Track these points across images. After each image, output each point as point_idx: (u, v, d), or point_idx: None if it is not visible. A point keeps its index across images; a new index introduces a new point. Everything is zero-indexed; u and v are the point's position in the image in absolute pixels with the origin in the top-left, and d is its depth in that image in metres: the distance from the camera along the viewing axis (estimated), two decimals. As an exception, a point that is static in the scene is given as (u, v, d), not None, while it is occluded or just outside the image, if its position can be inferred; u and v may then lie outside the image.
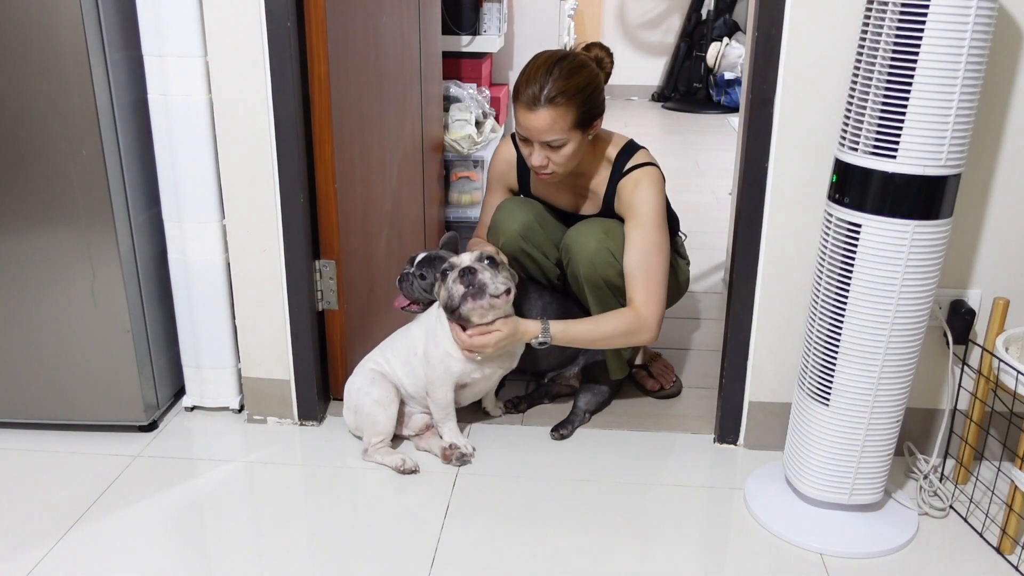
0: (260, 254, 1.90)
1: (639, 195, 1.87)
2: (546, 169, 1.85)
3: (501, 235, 1.97)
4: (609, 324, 1.87)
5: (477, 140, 2.94)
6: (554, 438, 1.96)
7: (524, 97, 1.78)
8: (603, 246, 1.87)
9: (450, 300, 1.73)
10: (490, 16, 3.30)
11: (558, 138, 1.79)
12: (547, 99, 1.76)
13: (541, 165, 1.84)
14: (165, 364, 2.01)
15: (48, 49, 1.68)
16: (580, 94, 1.78)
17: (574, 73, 1.79)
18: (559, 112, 1.77)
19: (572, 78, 1.78)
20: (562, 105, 1.77)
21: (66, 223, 1.79)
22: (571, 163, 1.86)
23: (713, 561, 1.58)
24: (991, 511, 1.69)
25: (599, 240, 1.87)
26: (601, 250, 1.87)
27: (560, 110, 1.77)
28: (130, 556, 1.58)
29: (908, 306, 1.47)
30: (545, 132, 1.79)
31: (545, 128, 1.78)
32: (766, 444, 1.90)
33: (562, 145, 1.81)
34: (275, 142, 1.81)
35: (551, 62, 1.79)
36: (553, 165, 1.84)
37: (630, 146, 1.94)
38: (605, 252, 1.87)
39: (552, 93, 1.76)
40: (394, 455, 1.84)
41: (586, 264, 1.87)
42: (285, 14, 1.73)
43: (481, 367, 1.83)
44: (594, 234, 1.88)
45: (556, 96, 1.76)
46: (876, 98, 1.39)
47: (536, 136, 1.80)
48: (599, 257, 1.87)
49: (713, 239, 3.13)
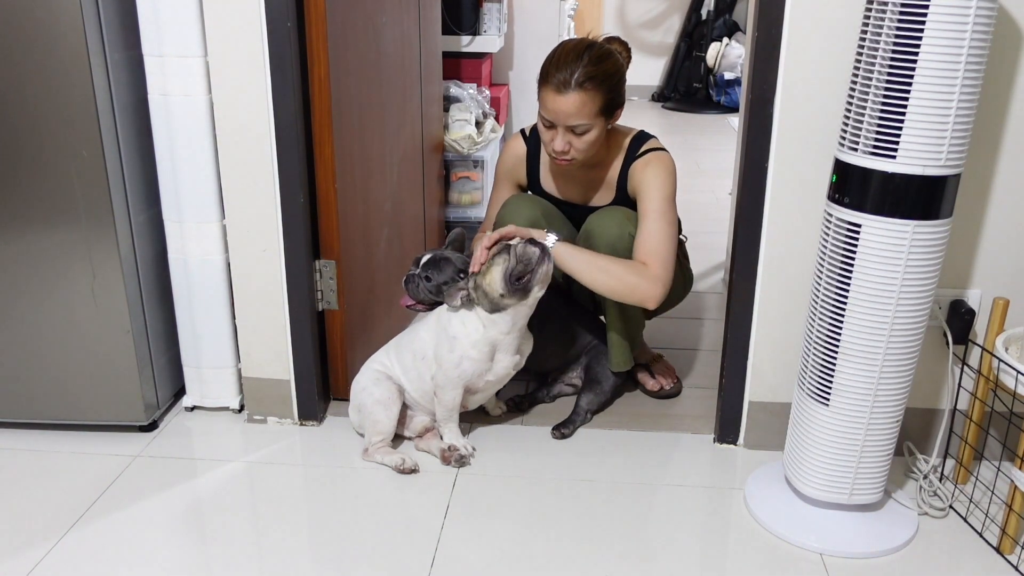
0: (260, 254, 1.90)
1: (649, 175, 1.91)
2: (567, 155, 1.88)
3: None
4: (617, 262, 1.85)
5: (477, 140, 2.94)
6: (555, 437, 1.96)
7: (554, 81, 1.81)
8: (624, 231, 1.88)
9: (525, 264, 1.72)
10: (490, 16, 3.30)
11: (584, 123, 1.83)
12: (577, 83, 1.79)
13: (563, 151, 1.87)
14: (165, 364, 2.01)
15: (48, 49, 1.68)
16: (608, 80, 1.82)
17: (603, 60, 1.83)
18: (588, 96, 1.80)
19: (601, 64, 1.82)
20: (591, 90, 1.80)
21: (66, 223, 1.79)
22: (591, 150, 1.89)
23: (713, 561, 1.58)
24: (991, 511, 1.69)
25: (620, 225, 1.89)
26: (623, 236, 1.88)
27: (589, 95, 1.80)
28: (130, 556, 1.58)
29: (908, 306, 1.47)
30: (572, 116, 1.81)
31: (573, 112, 1.81)
32: (766, 444, 1.90)
33: (586, 131, 1.84)
34: (275, 142, 1.81)
35: (581, 48, 1.83)
36: (574, 151, 1.87)
37: (641, 135, 1.99)
38: (627, 238, 1.88)
39: (582, 78, 1.79)
40: (394, 455, 1.84)
41: (607, 249, 1.88)
42: (285, 14, 1.73)
43: (494, 370, 1.83)
44: (616, 220, 1.90)
45: (585, 81, 1.79)
46: (876, 98, 1.39)
47: (563, 120, 1.83)
48: (620, 243, 1.88)
49: (713, 239, 3.13)
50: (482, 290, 1.76)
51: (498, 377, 1.85)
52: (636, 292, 1.83)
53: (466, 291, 1.79)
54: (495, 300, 1.75)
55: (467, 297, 1.79)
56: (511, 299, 1.75)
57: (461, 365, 1.80)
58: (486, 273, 1.75)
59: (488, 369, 1.82)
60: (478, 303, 1.78)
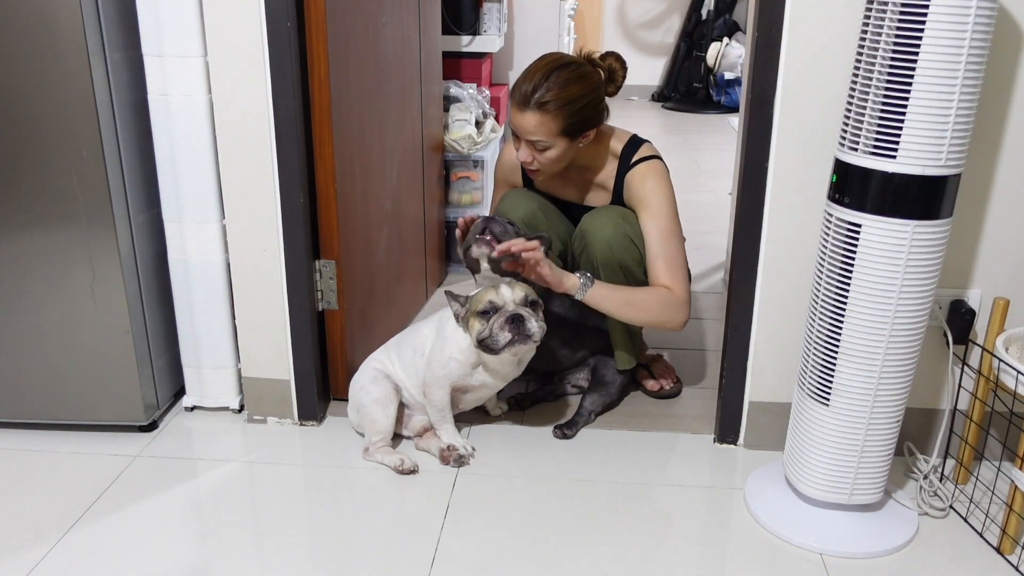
0: (260, 254, 1.90)
1: (648, 188, 1.91)
2: (531, 165, 1.91)
3: None
4: (645, 294, 1.89)
5: (477, 140, 2.94)
6: (557, 436, 1.96)
7: (516, 95, 1.83)
8: (620, 230, 1.89)
9: (492, 342, 1.72)
10: (490, 16, 3.29)
11: (542, 140, 1.84)
12: (536, 103, 1.80)
13: (527, 161, 1.90)
14: (165, 364, 2.01)
15: (48, 49, 1.68)
16: (570, 106, 1.81)
17: (570, 84, 1.81)
18: (546, 118, 1.81)
19: (567, 88, 1.80)
20: (550, 112, 1.80)
21: (66, 223, 1.79)
22: (556, 165, 1.91)
23: (713, 561, 1.58)
24: (991, 511, 1.69)
25: (616, 224, 1.89)
26: (618, 234, 1.89)
27: (547, 116, 1.80)
28: (130, 556, 1.58)
29: (908, 306, 1.47)
30: (530, 133, 1.83)
31: (530, 129, 1.83)
32: (766, 444, 1.90)
33: (546, 148, 1.85)
34: (275, 142, 1.81)
35: (551, 67, 1.82)
36: (538, 163, 1.89)
37: (635, 140, 1.98)
38: (622, 236, 1.89)
39: (542, 99, 1.80)
40: (393, 455, 1.84)
41: (603, 247, 1.88)
42: (285, 14, 1.73)
43: (482, 374, 1.83)
44: (611, 219, 1.90)
45: (547, 103, 1.80)
46: (876, 98, 1.39)
47: (521, 134, 1.86)
48: (616, 241, 1.88)
49: (713, 239, 3.13)
50: (466, 324, 1.78)
51: (489, 384, 1.86)
52: (667, 321, 1.89)
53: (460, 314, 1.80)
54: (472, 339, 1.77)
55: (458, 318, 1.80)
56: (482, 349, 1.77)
57: (448, 365, 1.80)
58: (471, 316, 1.76)
59: (474, 373, 1.82)
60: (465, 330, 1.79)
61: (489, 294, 1.74)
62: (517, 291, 1.75)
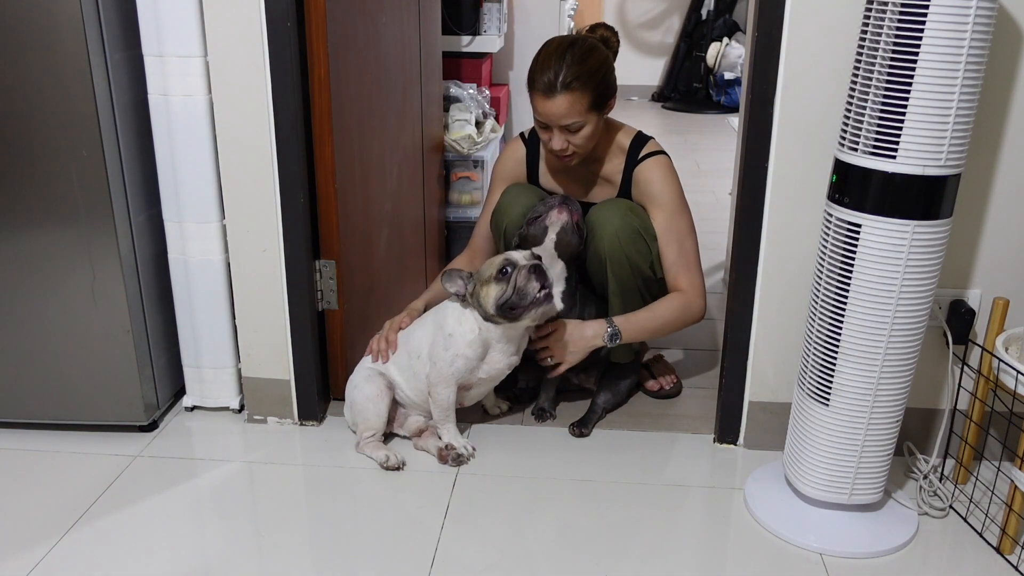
0: (260, 254, 1.90)
1: (657, 184, 1.94)
2: (567, 152, 1.91)
3: (505, 218, 1.99)
4: (663, 309, 1.93)
5: (477, 140, 2.94)
6: (573, 434, 1.96)
7: (540, 85, 1.84)
8: (628, 222, 1.90)
9: (520, 296, 1.71)
10: (490, 16, 3.29)
11: (576, 121, 1.85)
12: (563, 85, 1.81)
13: (562, 149, 1.89)
14: (165, 364, 2.01)
15: (48, 49, 1.68)
16: (594, 77, 1.84)
17: (586, 57, 1.84)
18: (575, 96, 1.82)
19: (585, 62, 1.83)
20: (577, 89, 1.82)
21: (66, 223, 1.79)
22: (590, 144, 1.92)
23: (713, 561, 1.58)
24: (991, 511, 1.69)
25: (624, 216, 1.90)
26: (626, 226, 1.89)
27: (576, 94, 1.82)
28: (130, 556, 1.58)
29: (908, 306, 1.47)
30: (564, 117, 1.84)
31: (563, 113, 1.83)
32: (766, 444, 1.89)
33: (580, 128, 1.86)
34: (275, 142, 1.81)
35: (563, 48, 1.85)
36: (573, 147, 1.90)
37: (641, 136, 2.00)
38: (630, 228, 1.90)
39: (567, 79, 1.81)
40: (380, 450, 1.85)
41: (611, 239, 1.89)
42: (285, 14, 1.73)
43: (486, 365, 1.83)
44: (619, 211, 1.92)
45: (571, 81, 1.81)
46: (876, 98, 1.39)
47: (555, 121, 1.85)
48: (624, 233, 1.89)
49: (713, 239, 3.12)
50: (477, 298, 1.77)
51: (492, 375, 1.85)
52: (689, 322, 1.97)
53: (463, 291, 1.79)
54: (486, 314, 1.76)
55: (462, 297, 1.79)
56: (500, 320, 1.76)
57: (455, 363, 1.80)
58: (484, 285, 1.75)
59: (479, 368, 1.82)
60: (472, 307, 1.79)
61: (501, 257, 1.76)
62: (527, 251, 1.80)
